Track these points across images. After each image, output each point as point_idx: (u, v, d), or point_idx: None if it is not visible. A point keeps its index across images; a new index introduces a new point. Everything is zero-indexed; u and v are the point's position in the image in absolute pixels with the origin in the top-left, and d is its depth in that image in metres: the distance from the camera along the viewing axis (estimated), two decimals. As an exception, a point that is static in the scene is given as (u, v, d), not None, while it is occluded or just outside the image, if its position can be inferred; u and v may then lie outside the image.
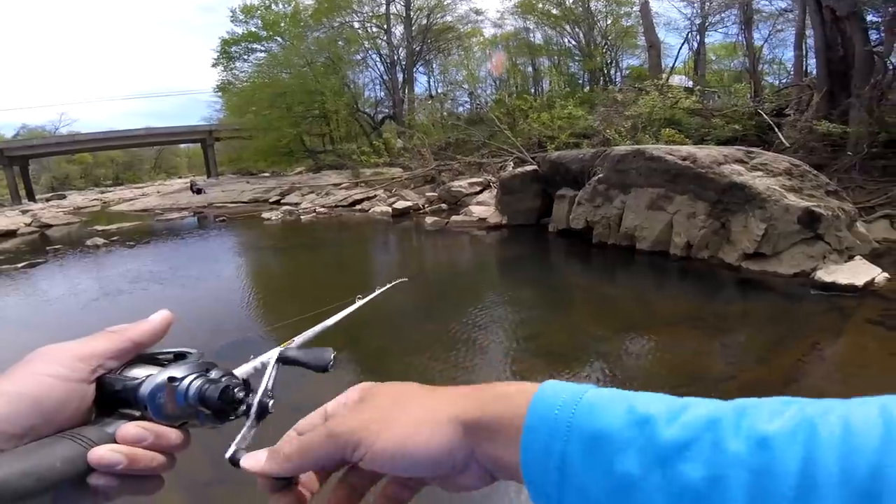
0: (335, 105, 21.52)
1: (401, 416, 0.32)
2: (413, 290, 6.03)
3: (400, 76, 24.15)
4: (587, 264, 6.63)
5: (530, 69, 24.27)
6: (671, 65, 17.36)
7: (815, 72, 10.22)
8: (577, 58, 22.18)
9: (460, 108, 22.08)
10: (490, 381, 0.34)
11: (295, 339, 0.51)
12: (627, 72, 21.37)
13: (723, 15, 16.14)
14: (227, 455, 0.34)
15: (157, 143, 38.10)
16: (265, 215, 12.49)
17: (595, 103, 13.78)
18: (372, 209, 12.06)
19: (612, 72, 21.60)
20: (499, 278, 6.43)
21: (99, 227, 12.93)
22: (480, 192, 11.00)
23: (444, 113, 20.74)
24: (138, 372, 0.36)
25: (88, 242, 9.92)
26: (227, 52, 25.85)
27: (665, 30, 26.16)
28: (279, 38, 24.40)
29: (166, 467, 0.34)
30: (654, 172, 6.10)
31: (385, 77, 24.46)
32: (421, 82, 28.76)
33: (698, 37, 16.69)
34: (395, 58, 23.79)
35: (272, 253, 8.78)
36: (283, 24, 24.11)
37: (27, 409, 0.31)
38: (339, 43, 22.49)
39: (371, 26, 23.81)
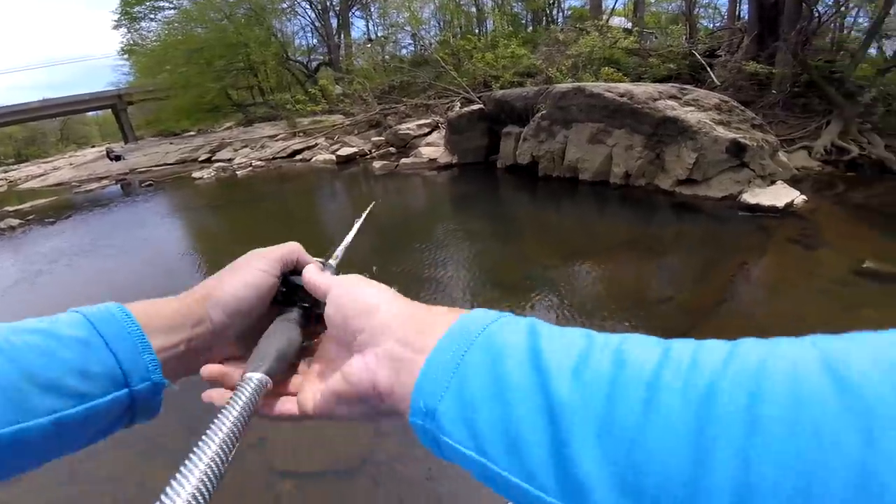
0: (262, 56, 20.05)
1: (364, 287, 0.39)
2: (367, 233, 5.88)
3: (334, 21, 22.47)
4: (534, 197, 6.75)
5: (474, 9, 23.46)
6: (611, 6, 17.33)
7: (746, 16, 10.60)
8: (519, -3, 21.61)
9: (403, 51, 21.05)
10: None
11: (337, 251, 0.57)
12: (569, 12, 21.18)
13: None
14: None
15: (57, 115, 33.77)
16: (196, 174, 11.51)
17: (538, 43, 13.58)
18: (314, 158, 11.44)
19: (554, 12, 21.33)
20: (451, 215, 6.42)
21: (10, 208, 11.35)
22: (429, 133, 10.71)
23: (387, 56, 19.72)
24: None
25: (1, 224, 8.75)
26: (130, 12, 23.43)
27: (605, -30, 25.90)
28: None
29: None
30: (593, 109, 6.20)
31: (317, 24, 22.66)
32: (358, 26, 27.03)
33: (638, -22, 16.63)
34: (328, 3, 21.98)
35: (208, 211, 8.15)
36: None
37: (252, 294, 0.43)
38: (263, -7, 20.50)
39: None
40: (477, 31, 21.39)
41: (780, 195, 5.17)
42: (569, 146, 6.54)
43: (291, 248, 0.48)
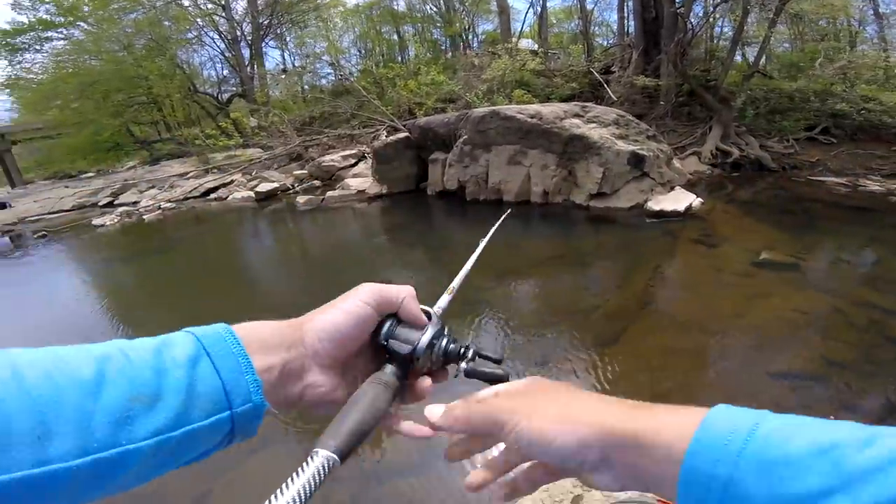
0: (165, 89, 18.77)
1: (548, 409, 0.38)
2: (295, 274, 5.61)
3: (246, 52, 21.69)
4: (464, 221, 6.87)
5: (395, 37, 23.83)
6: (519, 29, 18.43)
7: (633, 32, 11.46)
8: (438, 24, 22.37)
9: (323, 81, 20.75)
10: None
11: (453, 284, 0.58)
12: (483, 37, 22.21)
13: None
14: (461, 369, 0.47)
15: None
16: (97, 221, 10.35)
17: (456, 68, 14.04)
18: (231, 196, 10.74)
19: (470, 37, 22.27)
20: (384, 247, 6.33)
21: None
22: (355, 164, 10.52)
23: (305, 86, 19.34)
24: (409, 335, 0.47)
25: None
26: (10, 44, 20.93)
27: (513, -6, 27.63)
28: (83, 24, 20.13)
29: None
30: (509, 131, 6.48)
31: (227, 54, 21.74)
32: (273, 56, 26.28)
33: (541, 1, 17.87)
34: (239, 33, 21.20)
35: (111, 264, 7.34)
36: (85, 8, 19.89)
37: (350, 323, 0.44)
38: (165, 23, 19.37)
39: (205, 2, 20.77)
40: (399, 58, 21.70)
41: (679, 200, 5.71)
42: (491, 169, 6.76)
43: (399, 291, 0.48)
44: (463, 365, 0.48)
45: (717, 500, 0.28)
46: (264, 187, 10.35)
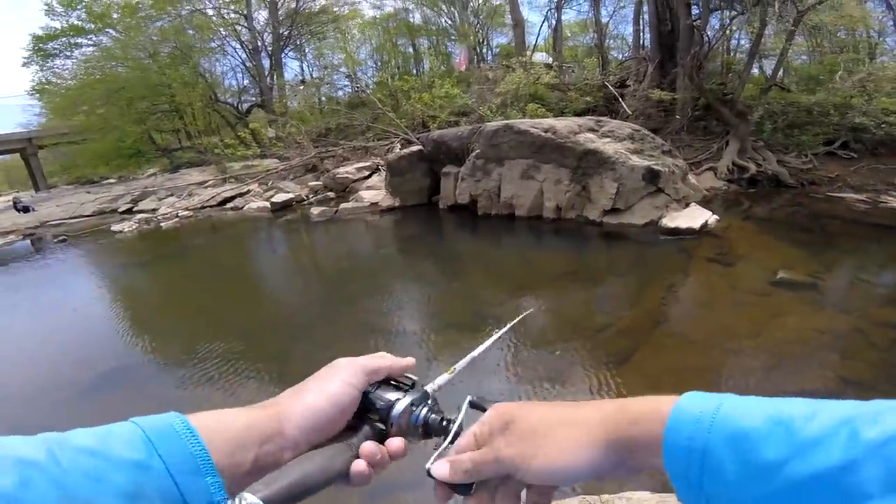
0: (187, 97, 19.14)
1: (548, 444, 0.39)
2: (306, 286, 5.67)
3: (266, 62, 22.16)
4: (476, 235, 6.88)
5: (411, 50, 24.14)
6: (534, 42, 18.54)
7: (649, 45, 11.41)
8: (453, 37, 22.56)
9: (339, 92, 21.08)
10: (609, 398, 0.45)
11: (456, 366, 0.56)
12: (497, 50, 22.34)
13: None
14: (427, 466, 0.43)
15: (-49, 159, 30.35)
16: (116, 227, 10.63)
17: (470, 82, 14.14)
18: (247, 206, 10.94)
19: (484, 50, 22.42)
20: (397, 259, 6.37)
21: None
22: (369, 176, 10.63)
23: (322, 98, 19.66)
24: (388, 395, 0.46)
25: None
26: (42, 49, 21.54)
27: (528, 7, 27.85)
28: (112, 31, 20.82)
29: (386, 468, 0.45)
30: (522, 145, 6.49)
31: (248, 64, 22.25)
32: (292, 68, 26.75)
33: (556, 14, 17.94)
34: (260, 44, 21.70)
35: (129, 269, 7.48)
36: (115, 15, 20.58)
37: (337, 409, 0.42)
38: (189, 31, 19.92)
39: (228, 12, 21.35)
40: (414, 71, 21.94)
41: (695, 217, 5.64)
42: (503, 183, 6.76)
43: (380, 361, 0.47)
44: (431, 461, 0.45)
45: (698, 468, 0.32)
46: (280, 198, 10.51)
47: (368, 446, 0.43)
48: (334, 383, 0.43)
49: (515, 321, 0.73)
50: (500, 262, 5.60)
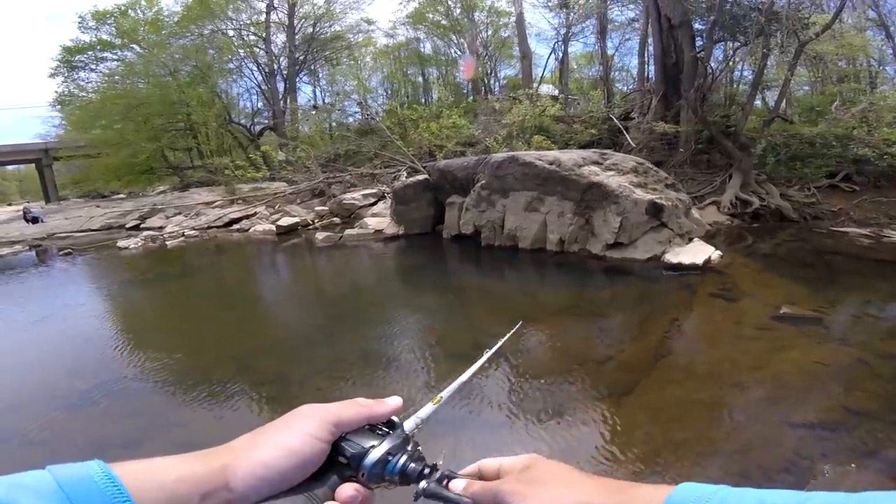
0: (203, 117, 19.64)
1: (544, 492, 0.40)
2: (306, 312, 5.66)
3: (281, 86, 22.77)
4: (479, 266, 6.88)
5: (420, 79, 24.72)
6: (541, 74, 18.99)
7: (654, 77, 11.59)
8: (461, 68, 23.15)
9: (350, 119, 21.55)
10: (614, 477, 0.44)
11: (442, 394, 0.54)
12: (504, 81, 22.84)
13: (583, 25, 18.12)
14: (419, 489, 0.43)
15: (-31, 167, 31.03)
16: (121, 243, 10.73)
17: (477, 112, 14.43)
18: (253, 228, 11.05)
19: (492, 81, 22.93)
20: (400, 288, 6.36)
21: None
22: (375, 203, 10.74)
23: (332, 123, 20.09)
24: (363, 440, 0.42)
25: None
26: (70, 61, 22.29)
27: (536, 40, 28.67)
28: (136, 46, 21.57)
29: None
30: (527, 177, 6.55)
31: (263, 86, 22.88)
32: (305, 92, 27.54)
33: (563, 47, 18.43)
34: (276, 67, 22.37)
35: (131, 286, 7.50)
36: (141, 31, 21.35)
37: (296, 463, 0.38)
38: (210, 51, 20.60)
39: (248, 34, 22.13)
40: (423, 100, 22.44)
41: (698, 252, 5.65)
42: (507, 215, 6.80)
43: (356, 410, 0.43)
44: (422, 484, 0.43)
45: None
46: (286, 221, 10.62)
47: (346, 490, 0.39)
48: (295, 436, 0.38)
49: (502, 341, 0.73)
50: (502, 293, 5.58)
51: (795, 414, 2.70)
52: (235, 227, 11.70)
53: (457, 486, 0.44)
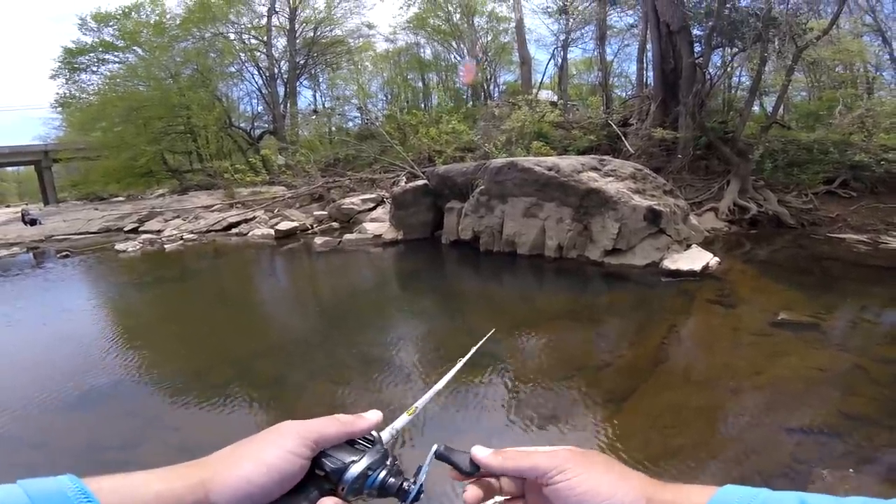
0: (203, 120, 19.68)
1: (602, 473, 0.42)
2: (310, 315, 5.66)
3: (281, 90, 22.84)
4: (478, 271, 6.88)
5: (420, 84, 24.80)
6: (540, 80, 19.06)
7: (652, 83, 11.63)
8: (461, 72, 23.24)
9: (349, 124, 21.60)
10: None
11: (417, 404, 0.55)
12: (504, 87, 22.93)
13: (582, 31, 18.18)
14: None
15: (-33, 169, 31.02)
16: (119, 246, 10.70)
17: (476, 118, 14.47)
18: (251, 232, 11.03)
19: (491, 87, 22.99)
20: (398, 293, 6.35)
21: None
22: (374, 208, 10.76)
23: (332, 128, 20.14)
24: (343, 455, 0.43)
25: None
26: (71, 62, 22.30)
27: (536, 46, 28.82)
28: (138, 49, 21.62)
29: None
30: (525, 182, 6.56)
31: (264, 90, 22.94)
32: (305, 96, 27.68)
33: (562, 52, 18.49)
34: (277, 71, 22.44)
35: (128, 288, 7.47)
36: (144, 34, 21.42)
37: (275, 480, 0.38)
38: (211, 55, 20.67)
39: (249, 38, 22.22)
40: (423, 105, 22.51)
41: (696, 259, 5.66)
42: (506, 221, 6.81)
43: (335, 427, 0.43)
44: (434, 447, 0.45)
45: None
46: (284, 225, 10.62)
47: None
48: (276, 453, 0.38)
49: (473, 350, 0.73)
50: (501, 299, 5.59)
51: (793, 419, 2.71)
52: (234, 231, 11.68)
53: (482, 452, 0.45)
